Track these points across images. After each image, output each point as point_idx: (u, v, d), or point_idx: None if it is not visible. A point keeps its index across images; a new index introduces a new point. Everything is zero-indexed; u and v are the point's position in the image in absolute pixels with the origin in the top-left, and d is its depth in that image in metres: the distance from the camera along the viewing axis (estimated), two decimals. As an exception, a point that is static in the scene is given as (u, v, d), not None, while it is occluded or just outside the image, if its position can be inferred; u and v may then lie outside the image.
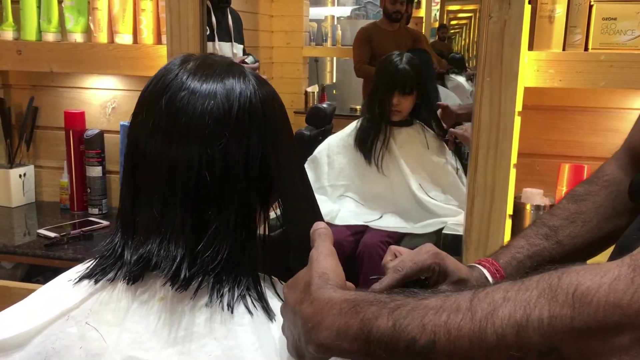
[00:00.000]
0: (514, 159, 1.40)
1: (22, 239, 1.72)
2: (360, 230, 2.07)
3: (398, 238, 2.07)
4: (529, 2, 1.35)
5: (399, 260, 0.74)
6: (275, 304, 0.68)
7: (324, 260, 0.63)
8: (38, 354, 0.68)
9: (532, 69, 1.39)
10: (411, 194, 2.11)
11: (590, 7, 1.37)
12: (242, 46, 2.48)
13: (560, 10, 1.38)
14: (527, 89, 1.42)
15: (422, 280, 0.75)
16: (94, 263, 0.71)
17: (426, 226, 2.05)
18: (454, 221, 1.97)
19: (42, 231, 1.67)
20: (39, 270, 1.77)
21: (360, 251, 1.99)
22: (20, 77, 1.95)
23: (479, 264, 0.80)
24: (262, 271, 0.72)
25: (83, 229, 1.69)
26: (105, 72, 1.78)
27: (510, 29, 1.31)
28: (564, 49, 1.40)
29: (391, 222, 2.11)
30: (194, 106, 0.66)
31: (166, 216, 0.67)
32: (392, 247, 0.79)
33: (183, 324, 0.66)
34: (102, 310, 0.68)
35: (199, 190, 0.66)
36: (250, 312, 0.66)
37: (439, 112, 2.21)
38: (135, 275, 0.67)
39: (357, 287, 0.77)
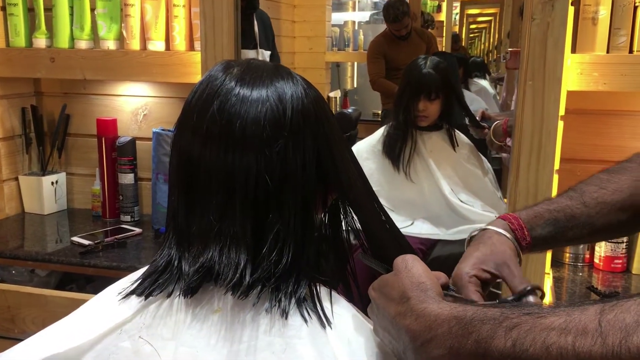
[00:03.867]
0: (556, 164, 1.37)
1: (55, 246, 1.72)
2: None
3: (430, 245, 2.04)
4: (572, 4, 1.32)
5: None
6: (327, 307, 0.67)
7: (414, 266, 0.62)
8: None
9: (575, 72, 1.36)
10: (443, 199, 2.08)
11: (635, 8, 1.34)
12: (269, 52, 2.45)
13: (604, 12, 1.35)
14: (567, 93, 1.39)
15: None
16: (144, 278, 0.70)
17: (459, 232, 2.02)
18: (489, 227, 1.93)
19: (75, 239, 1.66)
20: (72, 278, 1.77)
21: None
22: (52, 84, 1.95)
23: (503, 219, 0.79)
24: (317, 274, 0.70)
25: (116, 237, 1.68)
26: (138, 79, 1.78)
27: (553, 31, 1.28)
28: (608, 52, 1.37)
29: (423, 229, 2.08)
30: (247, 111, 0.65)
31: (225, 223, 0.65)
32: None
33: (242, 336, 0.64)
34: (156, 325, 0.66)
35: (258, 195, 0.65)
36: (306, 321, 0.64)
37: (477, 117, 2.17)
38: (194, 288, 0.65)
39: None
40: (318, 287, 0.68)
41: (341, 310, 0.69)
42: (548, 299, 1.36)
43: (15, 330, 1.47)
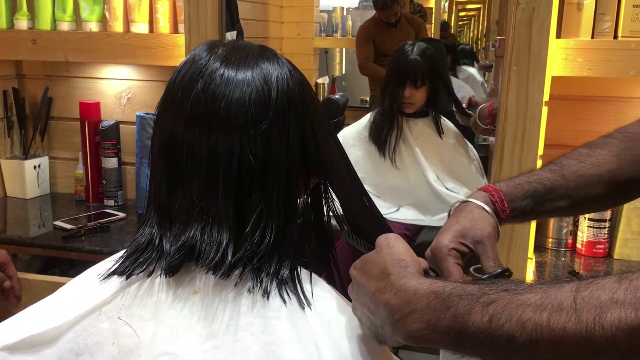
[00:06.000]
0: (540, 150, 1.37)
1: (38, 230, 1.71)
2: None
3: (416, 231, 2.05)
4: (557, -11, 1.32)
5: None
6: (307, 289, 0.67)
7: (396, 245, 0.62)
8: (70, 350, 0.66)
9: (560, 58, 1.36)
10: (428, 186, 2.09)
11: (620, -7, 1.34)
12: (234, 32, 2.30)
13: (589, -3, 1.35)
14: (552, 79, 1.39)
15: None
16: (125, 257, 0.69)
17: (444, 219, 2.00)
18: (473, 213, 1.94)
19: (58, 223, 1.65)
20: (55, 262, 1.76)
21: (377, 244, 1.96)
22: (35, 67, 1.92)
23: (484, 190, 0.81)
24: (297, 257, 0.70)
25: (100, 221, 1.67)
26: (121, 61, 1.76)
27: (539, 15, 1.28)
28: (592, 37, 1.37)
29: (408, 215, 2.08)
30: (232, 91, 0.64)
31: (207, 202, 0.65)
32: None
33: (223, 315, 0.63)
34: (136, 305, 0.66)
35: (241, 175, 0.64)
36: (285, 302, 0.64)
37: (464, 104, 2.17)
38: (175, 267, 0.65)
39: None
40: (299, 270, 0.68)
41: (322, 293, 0.68)
42: (530, 283, 1.37)
43: (-3, 314, 1.46)
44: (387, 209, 2.11)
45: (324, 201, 0.74)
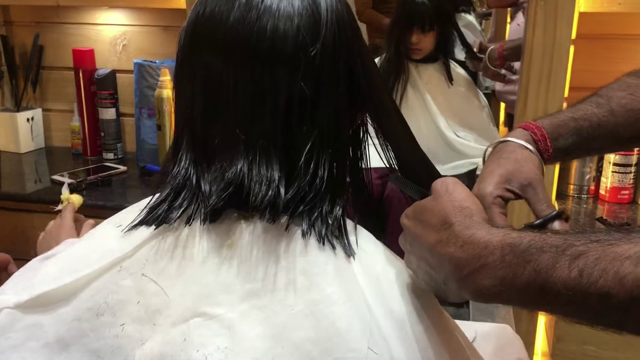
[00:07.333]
0: (566, 92, 1.30)
1: (35, 186, 1.63)
2: (387, 173, 1.97)
3: (426, 180, 1.99)
4: None
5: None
6: (352, 239, 0.59)
7: (456, 190, 0.55)
8: (88, 310, 0.58)
9: (589, -9, 1.28)
10: (439, 133, 2.02)
11: None
12: None
13: None
14: (579, 15, 1.31)
15: None
16: (158, 202, 0.60)
17: (456, 167, 1.96)
18: (486, 162, 1.88)
19: (56, 177, 1.57)
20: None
21: (387, 195, 1.90)
22: (23, 12, 1.81)
23: (525, 128, 0.73)
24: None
25: (100, 175, 1.60)
26: (116, 4, 1.66)
27: (569, -56, 1.19)
28: (624, -32, 1.28)
29: (418, 164, 2.02)
30: (279, 14, 0.56)
31: (253, 135, 0.57)
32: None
33: (262, 272, 0.56)
34: (162, 260, 0.58)
35: (291, 104, 0.57)
36: (331, 253, 0.57)
37: (475, 49, 2.08)
38: (216, 210, 0.57)
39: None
40: (344, 219, 0.61)
41: (367, 245, 0.61)
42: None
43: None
44: (396, 159, 2.05)
45: (374, 134, 0.67)
